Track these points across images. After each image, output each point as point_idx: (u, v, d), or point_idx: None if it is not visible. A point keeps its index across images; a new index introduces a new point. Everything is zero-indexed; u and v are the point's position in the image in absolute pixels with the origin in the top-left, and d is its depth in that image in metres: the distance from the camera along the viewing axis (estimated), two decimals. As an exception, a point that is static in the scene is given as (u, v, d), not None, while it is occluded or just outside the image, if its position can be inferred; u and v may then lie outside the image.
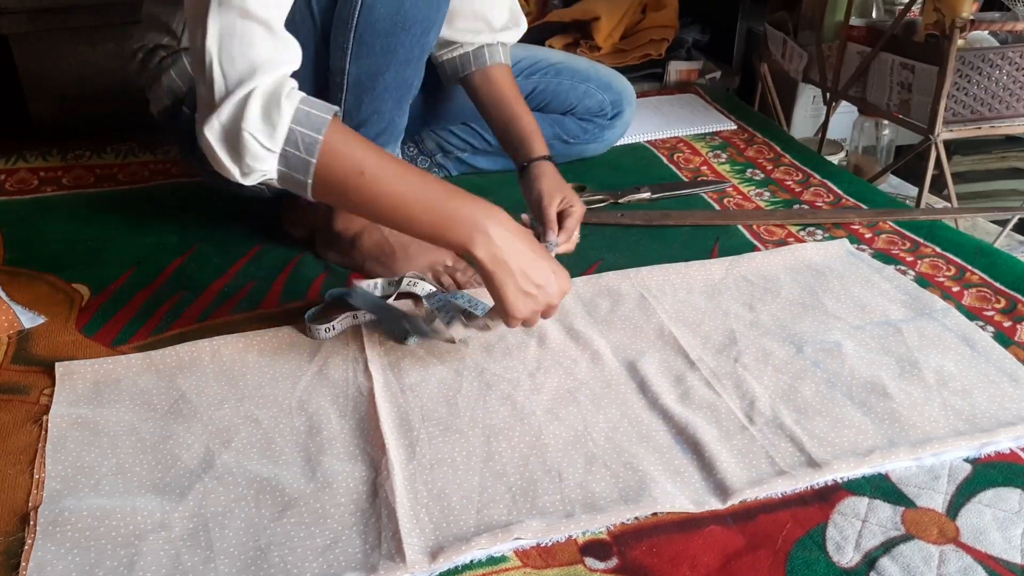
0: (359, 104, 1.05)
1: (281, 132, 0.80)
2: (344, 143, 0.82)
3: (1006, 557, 0.72)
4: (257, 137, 0.79)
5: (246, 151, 0.80)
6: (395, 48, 1.01)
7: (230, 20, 0.78)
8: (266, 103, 0.80)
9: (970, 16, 1.34)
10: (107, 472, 0.82)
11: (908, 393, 0.91)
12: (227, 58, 0.79)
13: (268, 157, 0.81)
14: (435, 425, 0.87)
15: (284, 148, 0.81)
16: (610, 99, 1.45)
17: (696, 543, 0.74)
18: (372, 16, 0.97)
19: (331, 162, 0.82)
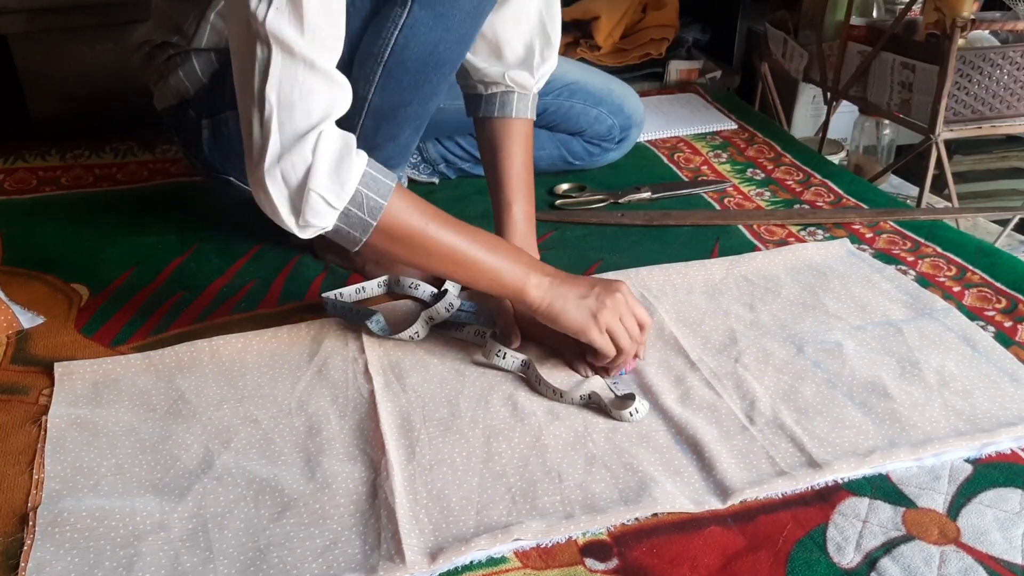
0: (376, 129, 1.04)
1: (348, 192, 0.81)
2: (406, 210, 0.85)
3: (1007, 558, 0.72)
4: (324, 195, 0.79)
5: (308, 208, 0.80)
6: (422, 85, 1.00)
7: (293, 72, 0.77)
8: (334, 162, 0.80)
9: (971, 15, 1.34)
10: (106, 472, 0.81)
11: (909, 393, 0.90)
12: (286, 109, 0.77)
13: (329, 214, 0.81)
14: (435, 426, 0.87)
15: (347, 207, 0.81)
16: (619, 123, 1.44)
17: (696, 544, 0.73)
18: (404, 55, 0.96)
19: (389, 225, 0.84)
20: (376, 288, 1.11)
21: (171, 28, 1.06)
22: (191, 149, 1.12)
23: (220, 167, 1.10)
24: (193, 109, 1.08)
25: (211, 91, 1.06)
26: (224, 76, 1.05)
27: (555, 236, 1.28)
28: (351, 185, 0.80)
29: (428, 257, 0.88)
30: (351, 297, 1.09)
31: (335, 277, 1.16)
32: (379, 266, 1.14)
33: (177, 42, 1.06)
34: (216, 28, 1.03)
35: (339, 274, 1.17)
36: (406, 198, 0.85)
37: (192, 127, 1.08)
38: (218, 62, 1.05)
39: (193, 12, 1.03)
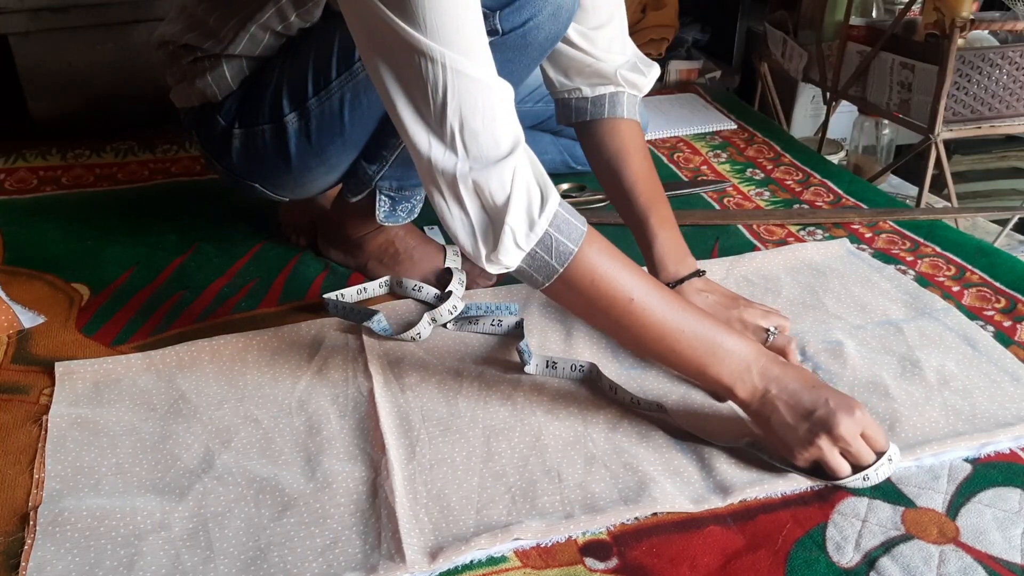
0: None
1: (537, 232, 0.75)
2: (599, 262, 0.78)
3: (1006, 557, 0.72)
4: (516, 232, 0.75)
5: (501, 245, 0.75)
6: None
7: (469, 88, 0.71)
8: (530, 200, 0.75)
9: (970, 16, 1.34)
10: (107, 472, 0.82)
11: (909, 393, 0.91)
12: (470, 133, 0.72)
13: (516, 255, 0.76)
14: (435, 425, 0.87)
15: (535, 249, 0.76)
16: None
17: (696, 543, 0.74)
18: None
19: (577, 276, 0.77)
20: (378, 288, 1.11)
21: (204, 32, 1.03)
22: (214, 152, 1.11)
23: (249, 176, 1.09)
24: (222, 116, 1.06)
25: (243, 100, 1.04)
26: (259, 86, 1.03)
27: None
28: (541, 225, 0.75)
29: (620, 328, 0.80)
30: (352, 298, 1.09)
31: (336, 276, 1.16)
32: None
33: (208, 47, 1.03)
34: (255, 37, 1.00)
35: (340, 273, 1.17)
36: (600, 250, 0.78)
37: (219, 132, 1.07)
38: (249, 69, 1.03)
39: (233, 20, 1.00)
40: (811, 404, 0.77)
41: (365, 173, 1.05)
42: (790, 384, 0.79)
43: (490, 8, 0.87)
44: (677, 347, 0.80)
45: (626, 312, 0.79)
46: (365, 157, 1.05)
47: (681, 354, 0.80)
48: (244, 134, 1.05)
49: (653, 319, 0.79)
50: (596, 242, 0.79)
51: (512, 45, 0.91)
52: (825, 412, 0.76)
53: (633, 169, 1.02)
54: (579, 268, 0.77)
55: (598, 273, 0.78)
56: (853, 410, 0.77)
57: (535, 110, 1.36)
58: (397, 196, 1.08)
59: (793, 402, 0.78)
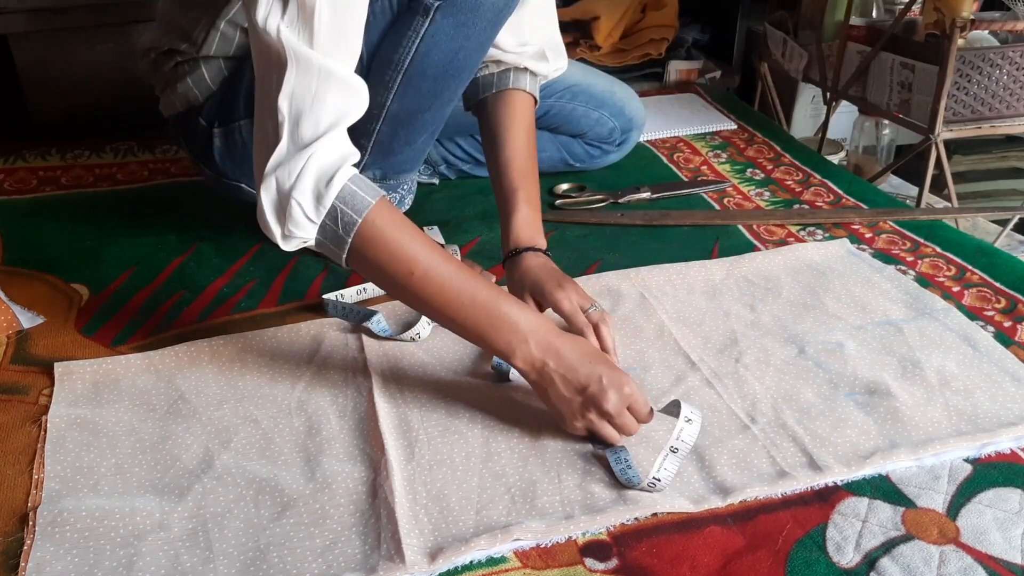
0: (393, 135, 1.04)
1: (325, 205, 0.80)
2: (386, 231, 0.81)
3: (1006, 557, 0.72)
4: (303, 206, 0.79)
5: (290, 218, 0.80)
6: (441, 92, 1.00)
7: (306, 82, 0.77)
8: (321, 173, 0.79)
9: (970, 16, 1.34)
10: (106, 472, 0.81)
11: (911, 393, 0.90)
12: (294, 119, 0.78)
13: (308, 227, 0.81)
14: (434, 426, 0.87)
15: (324, 221, 0.80)
16: (620, 126, 1.43)
17: (696, 543, 0.73)
18: (424, 63, 0.96)
19: (366, 246, 0.81)
20: (377, 289, 1.11)
21: (179, 35, 1.05)
22: (200, 156, 1.12)
23: (232, 174, 1.10)
24: (203, 117, 1.07)
25: (222, 99, 1.05)
26: (235, 84, 1.04)
27: (555, 236, 1.28)
28: (329, 198, 0.79)
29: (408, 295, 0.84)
30: (352, 298, 1.09)
31: (335, 277, 1.16)
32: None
33: (185, 50, 1.05)
34: (226, 36, 1.02)
35: (340, 274, 1.17)
36: (387, 220, 0.81)
37: (202, 135, 1.08)
38: (227, 69, 1.04)
39: (203, 20, 1.02)
40: (585, 380, 0.81)
41: None
42: (568, 358, 0.82)
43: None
44: (459, 315, 0.83)
45: (411, 281, 0.82)
46: None
47: (463, 322, 0.83)
48: (223, 133, 1.05)
49: (436, 288, 0.82)
50: (383, 212, 0.81)
51: (462, 7, 0.92)
52: (596, 389, 0.81)
53: (513, 144, 1.05)
54: (365, 237, 0.80)
55: (382, 242, 0.81)
56: (622, 387, 0.81)
57: None
58: (383, 186, 1.09)
59: (570, 376, 0.82)
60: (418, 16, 0.93)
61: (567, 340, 0.83)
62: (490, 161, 1.07)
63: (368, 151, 1.05)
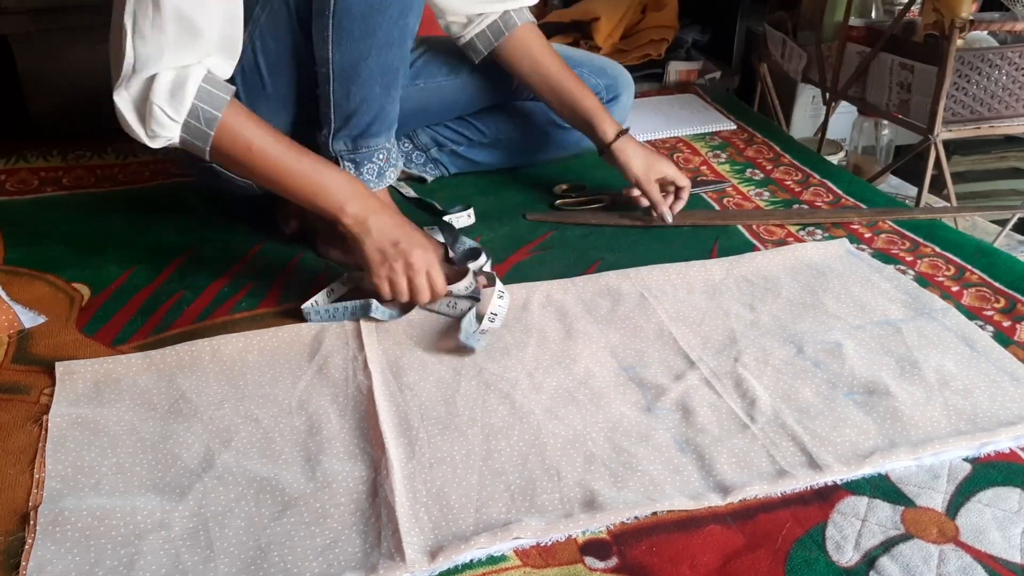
0: (347, 93, 1.06)
1: (185, 106, 0.90)
2: (238, 122, 0.94)
3: (1006, 556, 0.72)
4: (164, 109, 0.89)
5: (152, 119, 0.90)
6: (374, 31, 1.02)
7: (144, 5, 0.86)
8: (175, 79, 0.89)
9: (969, 16, 1.34)
10: (107, 472, 0.82)
11: (910, 393, 0.91)
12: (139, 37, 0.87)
13: (172, 126, 0.91)
14: (434, 424, 0.87)
15: (187, 120, 0.91)
16: (604, 83, 1.42)
17: (696, 542, 0.74)
18: (348, 3, 0.99)
19: (225, 136, 0.93)
20: (341, 286, 1.12)
21: None
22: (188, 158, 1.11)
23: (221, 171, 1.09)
24: None
25: None
26: None
27: (555, 236, 1.28)
28: (188, 99, 0.90)
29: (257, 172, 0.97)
30: (325, 301, 1.08)
31: (336, 277, 1.16)
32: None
33: None
34: None
35: (340, 273, 1.17)
36: (240, 111, 0.94)
37: None
38: None
39: None
40: (397, 236, 1.00)
41: (320, 141, 1.11)
42: (387, 219, 1.00)
43: None
44: (292, 183, 0.97)
45: (250, 158, 0.95)
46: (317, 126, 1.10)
47: (297, 190, 0.98)
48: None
49: (271, 162, 0.96)
50: (237, 107, 0.94)
51: None
52: (406, 245, 0.99)
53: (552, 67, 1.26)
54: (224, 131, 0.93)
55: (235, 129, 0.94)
56: (427, 250, 1.01)
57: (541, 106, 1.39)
58: (357, 157, 1.12)
59: (386, 231, 0.99)
60: None
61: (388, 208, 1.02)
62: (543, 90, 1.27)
63: (332, 119, 1.09)
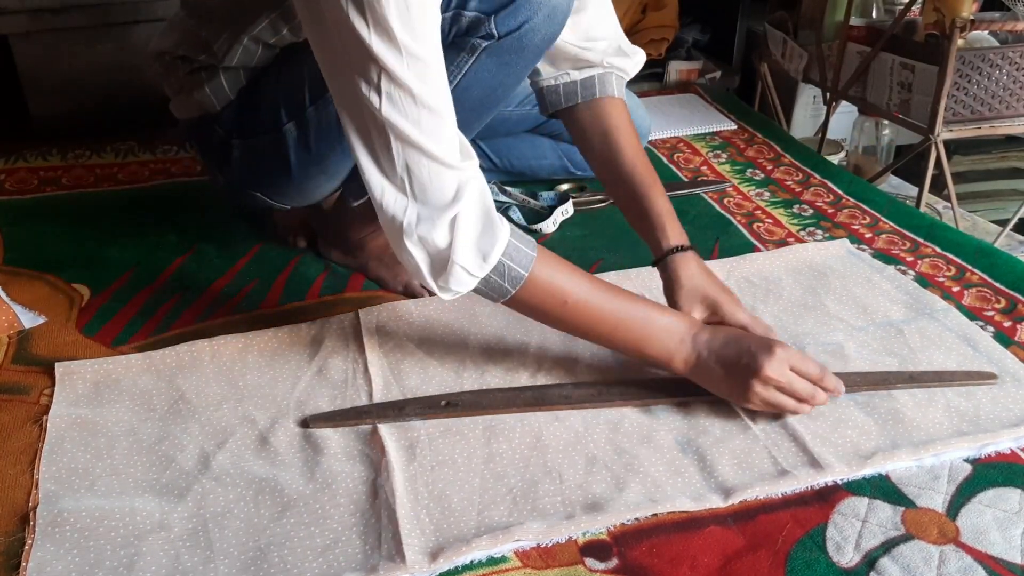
0: None
1: (490, 264, 0.81)
2: (547, 274, 0.85)
3: (1006, 557, 0.72)
4: (467, 268, 0.81)
5: (452, 278, 0.81)
6: (475, 122, 1.00)
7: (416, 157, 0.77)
8: (477, 236, 0.81)
9: (970, 16, 1.34)
10: (101, 473, 0.81)
11: (911, 394, 0.90)
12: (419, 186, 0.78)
13: (470, 282, 0.83)
14: (435, 426, 0.87)
15: (489, 275, 0.82)
16: None
17: (696, 543, 0.74)
18: (465, 96, 0.93)
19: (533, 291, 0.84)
20: None
21: (199, 47, 1.03)
22: (214, 162, 1.11)
23: (250, 185, 1.09)
24: (220, 126, 1.06)
25: (240, 110, 1.04)
26: (255, 96, 1.02)
27: (555, 236, 1.28)
28: (493, 258, 0.81)
29: (570, 325, 0.88)
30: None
31: (336, 277, 1.16)
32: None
33: (204, 59, 1.03)
34: (249, 50, 0.99)
35: (340, 274, 1.17)
36: (548, 267, 0.85)
37: (218, 142, 1.07)
38: (246, 79, 1.03)
39: (225, 33, 1.00)
40: (736, 355, 0.85)
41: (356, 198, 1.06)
42: (716, 344, 0.86)
43: (485, 13, 0.88)
44: (616, 334, 0.88)
45: (565, 311, 0.86)
46: None
47: (621, 340, 0.88)
48: (243, 145, 1.05)
49: (591, 313, 0.87)
50: (544, 261, 0.85)
51: (508, 48, 0.91)
52: (748, 359, 0.84)
53: (628, 151, 1.03)
54: (529, 288, 0.84)
55: (544, 288, 0.85)
56: (771, 347, 0.84)
57: (533, 113, 1.35)
58: None
59: (721, 358, 0.85)
60: (464, 53, 0.92)
61: (715, 330, 0.88)
62: (606, 172, 1.05)
63: None
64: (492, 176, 1.41)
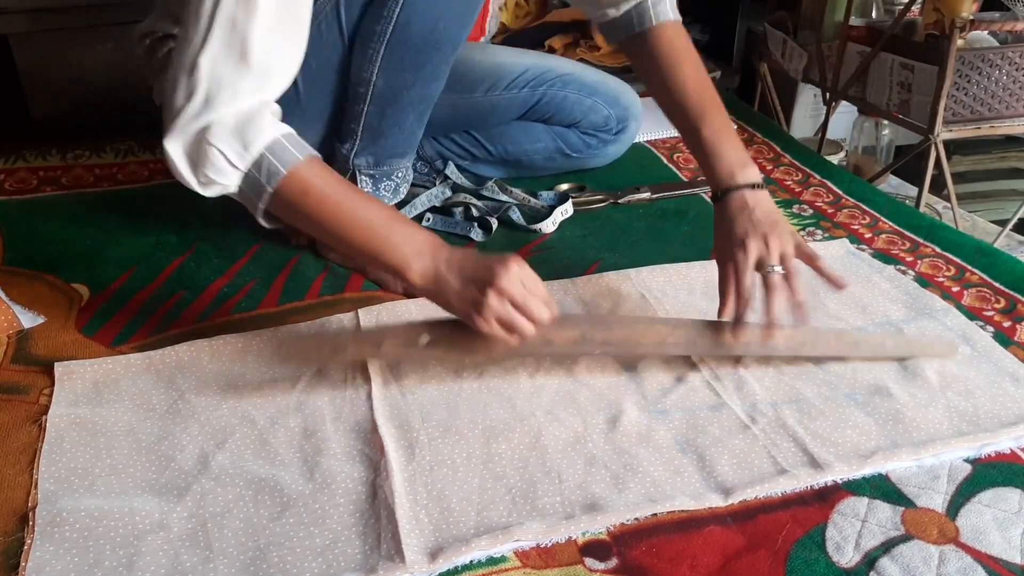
0: (381, 116, 1.04)
1: (252, 154, 0.81)
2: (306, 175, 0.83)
3: (1006, 557, 0.72)
4: (224, 152, 0.80)
5: (209, 163, 0.80)
6: (424, 64, 1.00)
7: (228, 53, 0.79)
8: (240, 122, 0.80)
9: (970, 16, 1.34)
10: (100, 473, 0.81)
11: (912, 394, 0.91)
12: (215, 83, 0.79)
13: (233, 173, 0.82)
14: (435, 427, 0.87)
15: (250, 169, 0.82)
16: (616, 114, 1.42)
17: (696, 543, 0.74)
18: (406, 32, 0.96)
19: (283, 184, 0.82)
20: None
21: (172, 19, 1.04)
22: None
23: None
24: None
25: None
26: None
27: (555, 236, 1.28)
28: (257, 147, 0.80)
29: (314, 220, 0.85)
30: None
31: (336, 277, 1.16)
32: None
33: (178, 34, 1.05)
34: None
35: (340, 273, 1.17)
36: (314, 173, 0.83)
37: None
38: None
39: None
40: (473, 268, 0.82)
41: (340, 153, 1.07)
42: (456, 258, 0.84)
43: None
44: (354, 235, 0.84)
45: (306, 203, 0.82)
46: (338, 137, 1.06)
47: (359, 242, 0.84)
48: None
49: (329, 210, 0.83)
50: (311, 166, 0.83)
51: None
52: (487, 274, 0.81)
53: (680, 78, 1.00)
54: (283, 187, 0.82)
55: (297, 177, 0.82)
56: (508, 262, 0.81)
57: (521, 96, 1.35)
58: (376, 173, 1.09)
59: (459, 270, 0.83)
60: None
61: (461, 252, 0.85)
62: (667, 99, 1.02)
63: (359, 135, 1.06)
64: (490, 166, 1.42)
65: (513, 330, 0.83)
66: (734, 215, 0.92)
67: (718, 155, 0.94)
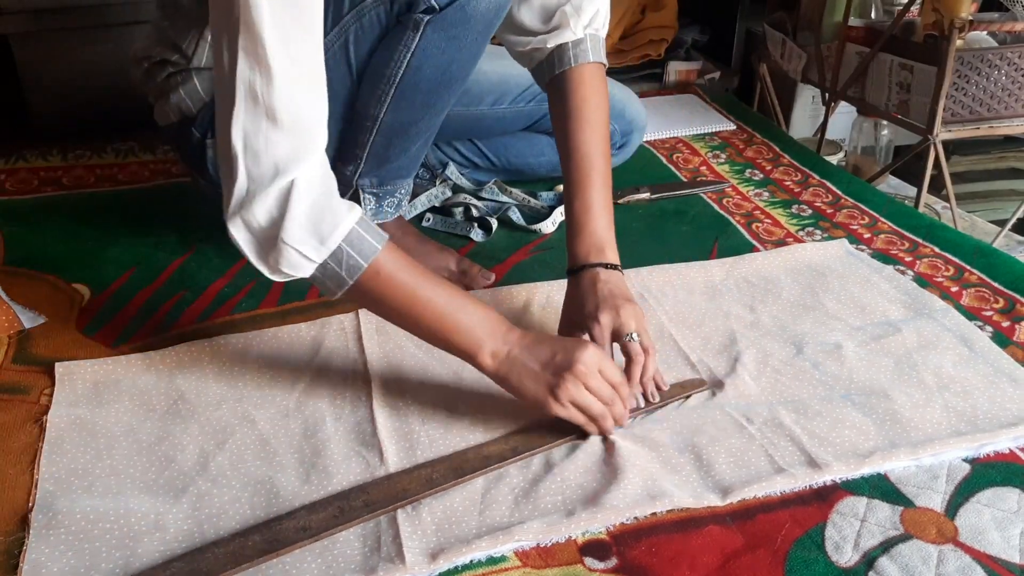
0: (387, 145, 1.04)
1: (329, 248, 0.77)
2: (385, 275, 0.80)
3: (1004, 557, 0.72)
4: (300, 249, 0.76)
5: (283, 260, 0.77)
6: (434, 103, 1.00)
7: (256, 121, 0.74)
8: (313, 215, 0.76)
9: (969, 16, 1.34)
10: (100, 473, 0.81)
11: (909, 394, 0.91)
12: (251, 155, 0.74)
13: (307, 266, 0.78)
14: (435, 427, 0.87)
15: (327, 261, 0.78)
16: (620, 129, 1.40)
17: (695, 543, 0.74)
18: (417, 77, 0.95)
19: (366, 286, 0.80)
20: None
21: (169, 46, 1.04)
22: (196, 167, 1.11)
23: None
24: (196, 128, 1.07)
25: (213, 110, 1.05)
26: None
27: (555, 236, 1.28)
28: (333, 241, 0.77)
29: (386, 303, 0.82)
30: None
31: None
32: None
33: (176, 60, 1.04)
34: None
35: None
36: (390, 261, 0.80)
37: (196, 146, 1.08)
38: None
39: (192, 31, 1.01)
40: (551, 351, 0.82)
41: (343, 175, 1.06)
42: (528, 340, 0.82)
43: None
44: (422, 319, 0.82)
45: (378, 290, 0.80)
46: (340, 159, 1.06)
47: (427, 325, 0.82)
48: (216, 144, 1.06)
49: (399, 292, 0.81)
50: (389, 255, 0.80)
51: (452, 21, 0.91)
52: (562, 358, 0.81)
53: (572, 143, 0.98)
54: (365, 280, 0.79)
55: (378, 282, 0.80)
56: (587, 345, 0.82)
57: (527, 110, 1.35)
58: (380, 192, 1.09)
59: (534, 354, 0.82)
60: (408, 31, 0.93)
61: (526, 333, 0.83)
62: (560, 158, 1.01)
63: (363, 160, 1.06)
64: (491, 175, 1.41)
65: (592, 415, 0.82)
66: (585, 291, 0.92)
67: (582, 232, 0.95)
